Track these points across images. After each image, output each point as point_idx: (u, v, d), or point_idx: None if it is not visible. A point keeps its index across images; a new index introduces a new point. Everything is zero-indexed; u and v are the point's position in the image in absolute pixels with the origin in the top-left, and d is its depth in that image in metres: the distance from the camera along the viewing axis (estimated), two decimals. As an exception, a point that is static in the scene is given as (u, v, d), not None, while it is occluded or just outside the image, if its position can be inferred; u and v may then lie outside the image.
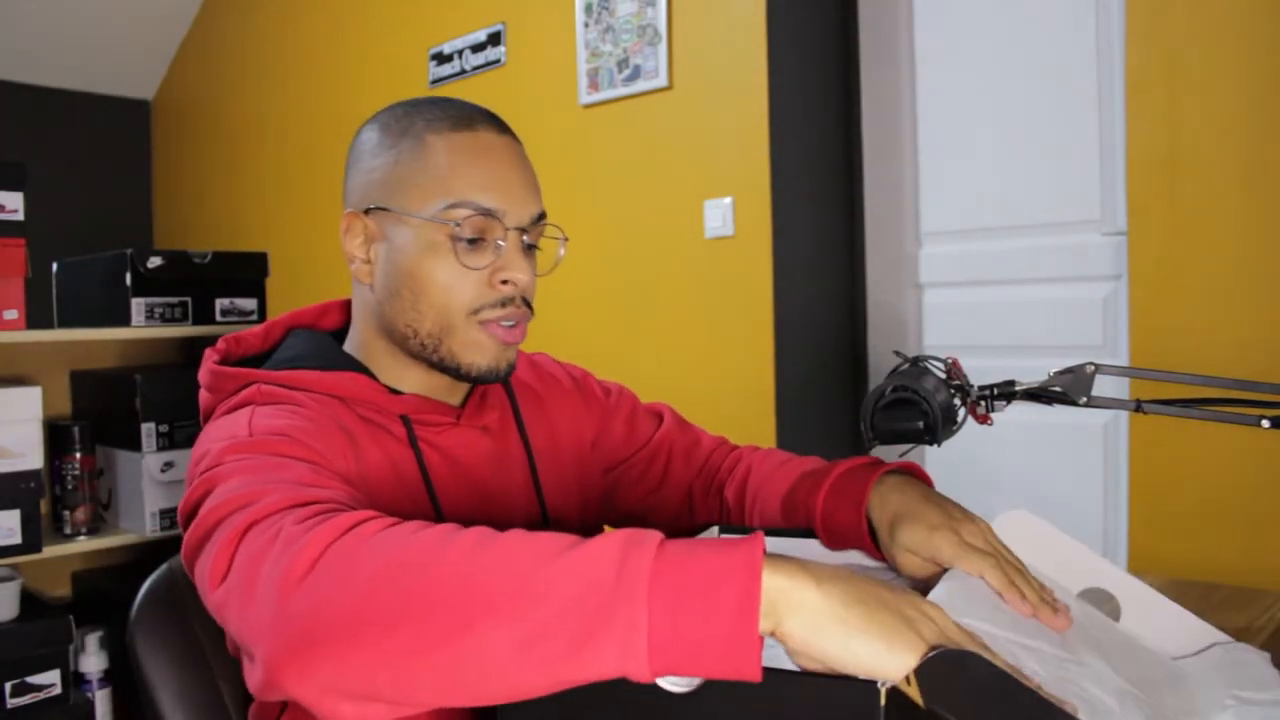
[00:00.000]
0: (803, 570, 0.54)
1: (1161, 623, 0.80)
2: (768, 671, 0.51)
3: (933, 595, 0.68)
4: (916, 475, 0.88)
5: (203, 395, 0.89)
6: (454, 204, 0.83)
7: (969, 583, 0.71)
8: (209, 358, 0.90)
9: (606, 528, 1.07)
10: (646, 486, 1.07)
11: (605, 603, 0.52)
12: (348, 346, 0.93)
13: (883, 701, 0.49)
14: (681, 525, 1.07)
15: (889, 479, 0.84)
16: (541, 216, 0.88)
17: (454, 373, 0.87)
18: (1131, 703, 0.63)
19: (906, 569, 0.78)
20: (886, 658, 0.51)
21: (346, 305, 0.98)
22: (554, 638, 0.52)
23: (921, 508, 0.79)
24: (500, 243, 0.84)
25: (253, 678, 0.59)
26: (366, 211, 0.89)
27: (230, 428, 0.78)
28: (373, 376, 0.88)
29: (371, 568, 0.56)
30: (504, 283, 0.85)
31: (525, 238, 0.86)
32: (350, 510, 0.62)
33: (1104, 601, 0.82)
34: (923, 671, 0.50)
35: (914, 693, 0.49)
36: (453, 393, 0.93)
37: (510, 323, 0.86)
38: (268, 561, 0.59)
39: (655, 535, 0.55)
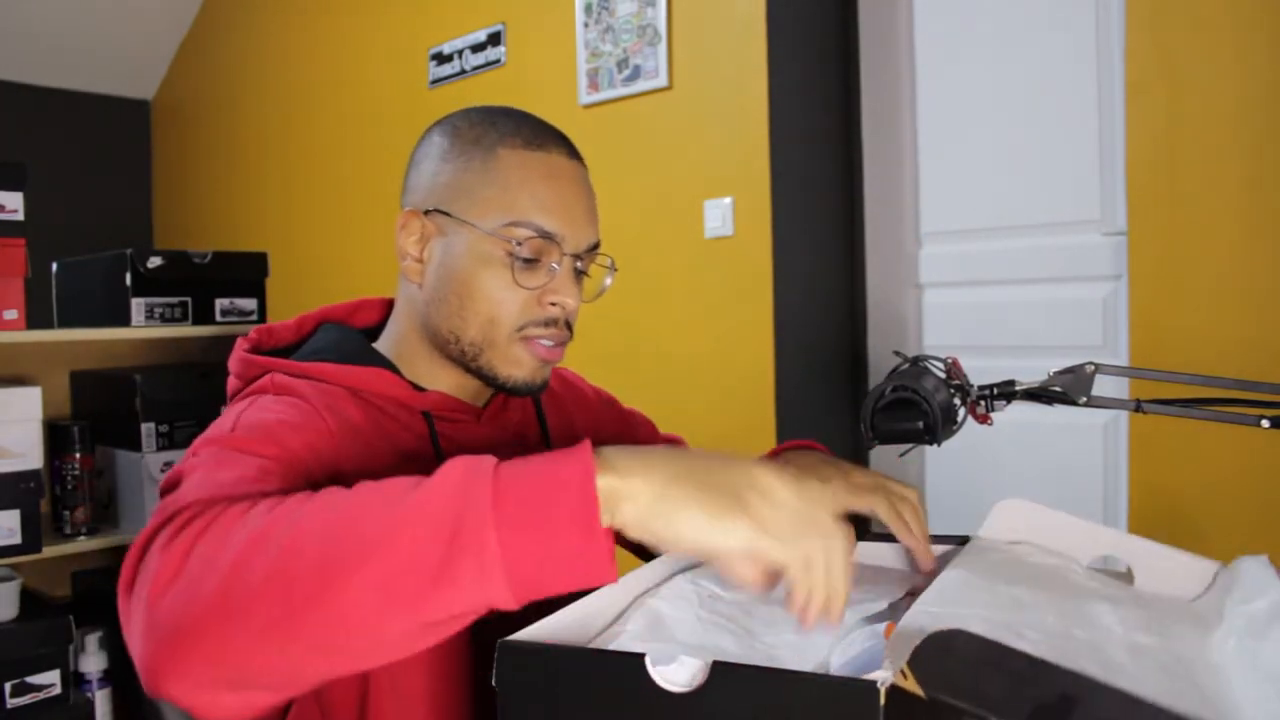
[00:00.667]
0: (633, 460, 0.56)
1: (1172, 571, 0.80)
2: (769, 672, 0.52)
3: (926, 592, 0.68)
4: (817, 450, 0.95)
5: (230, 381, 0.91)
6: (516, 222, 0.84)
7: (962, 575, 0.72)
8: (240, 345, 0.92)
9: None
10: None
11: (454, 535, 0.53)
12: (381, 343, 0.94)
13: (883, 700, 0.49)
14: None
15: (788, 453, 0.94)
16: (596, 245, 0.90)
17: (490, 382, 0.89)
18: (1145, 655, 0.63)
19: None
20: (710, 531, 0.55)
21: (383, 304, 1.00)
22: (411, 576, 0.53)
23: (818, 466, 0.89)
24: (555, 266, 0.86)
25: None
26: (426, 212, 0.89)
27: (226, 418, 0.80)
28: (398, 373, 0.89)
29: (228, 556, 0.56)
30: (552, 304, 0.86)
31: (579, 264, 0.89)
32: (233, 502, 0.62)
33: (1115, 568, 0.82)
34: (915, 660, 0.50)
35: (912, 685, 0.49)
36: (479, 396, 0.94)
37: (551, 343, 0.88)
38: (143, 571, 0.59)
39: (490, 461, 0.56)
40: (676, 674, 0.54)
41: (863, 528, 0.93)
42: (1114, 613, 0.70)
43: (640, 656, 0.55)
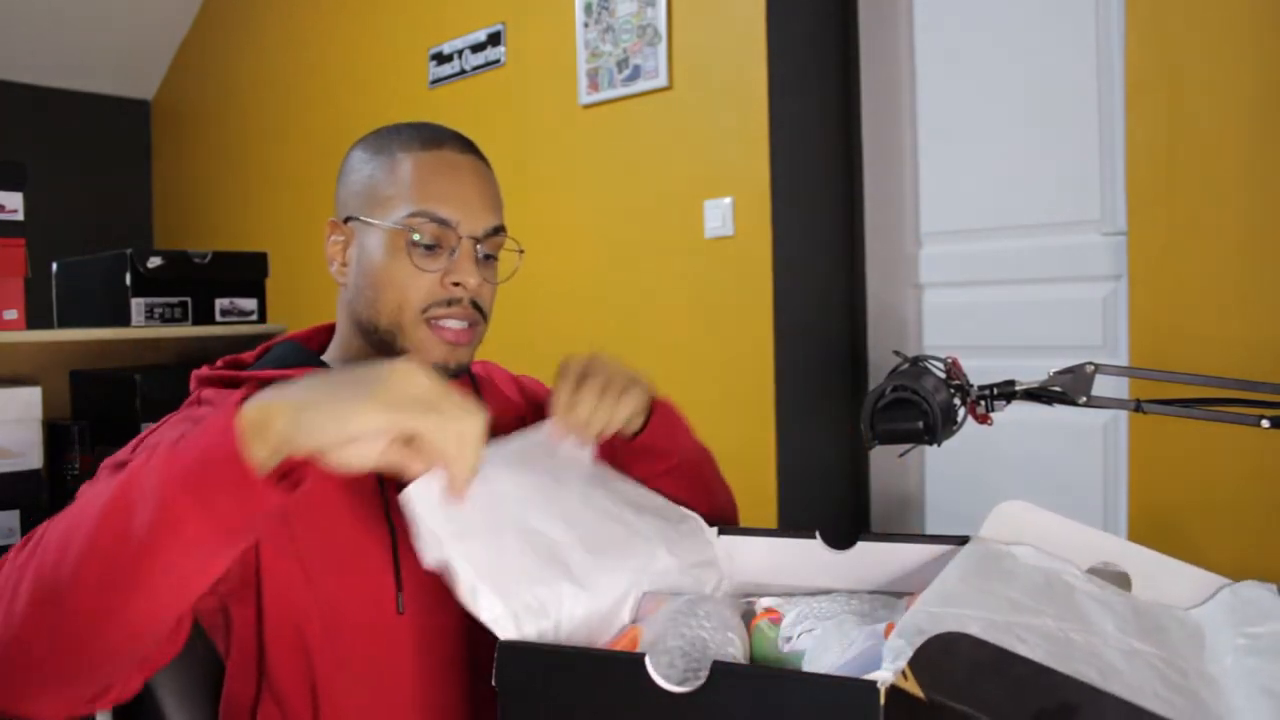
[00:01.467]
0: (277, 391, 0.64)
1: (1170, 579, 0.81)
2: (769, 672, 0.52)
3: (925, 592, 0.68)
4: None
5: (187, 402, 0.96)
6: (415, 213, 0.91)
7: (961, 576, 0.72)
8: (197, 373, 0.98)
9: None
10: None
11: (145, 514, 0.61)
12: (328, 354, 1.01)
13: (882, 700, 0.49)
14: None
15: None
16: (498, 230, 0.95)
17: None
18: (1141, 661, 0.63)
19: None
20: (342, 421, 0.61)
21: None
22: (120, 556, 0.61)
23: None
24: (454, 250, 0.92)
25: None
26: (345, 220, 0.98)
27: (141, 437, 0.87)
28: None
29: (12, 587, 0.64)
30: (455, 285, 0.92)
31: (480, 248, 0.94)
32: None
33: (1113, 574, 0.82)
34: (916, 661, 0.50)
35: (912, 686, 0.49)
36: None
37: (457, 323, 0.92)
38: None
39: (168, 442, 0.65)
40: (676, 675, 0.54)
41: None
42: (1111, 617, 0.70)
43: (640, 657, 0.56)
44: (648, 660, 0.56)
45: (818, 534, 0.91)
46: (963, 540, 0.86)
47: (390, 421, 0.62)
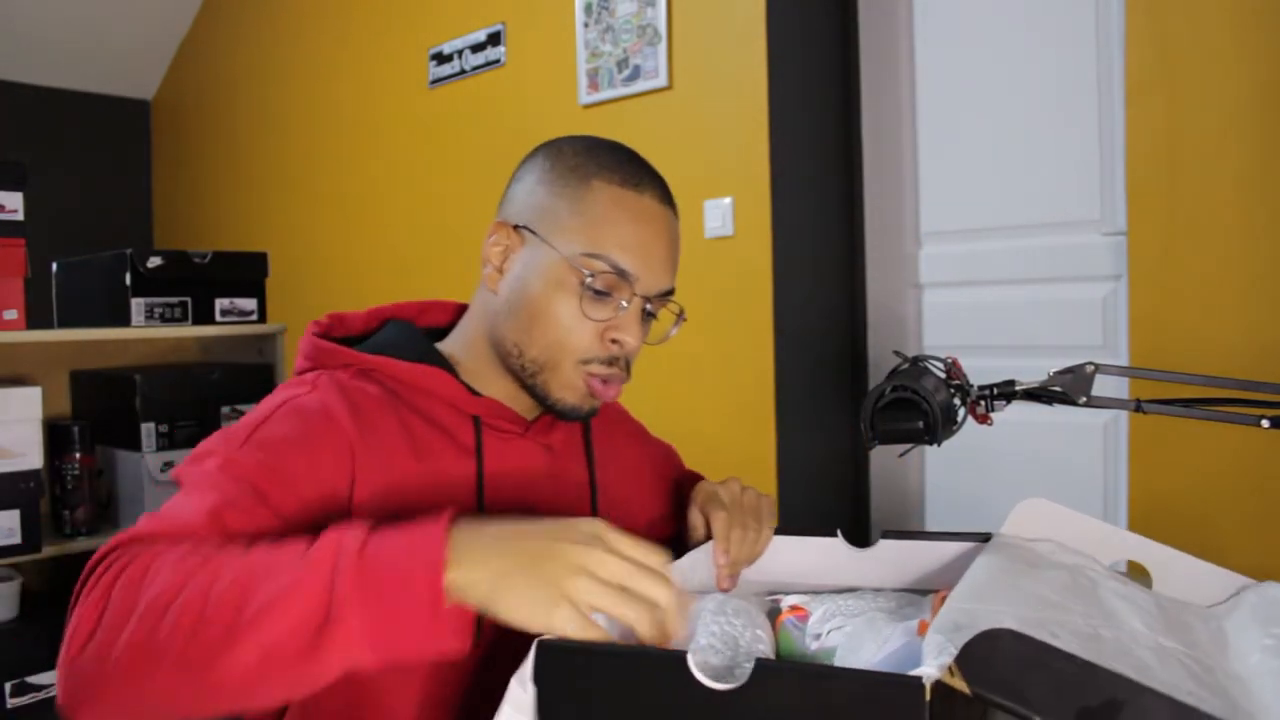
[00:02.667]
0: (474, 550, 0.64)
1: (1191, 577, 0.80)
2: (813, 669, 0.52)
3: (957, 588, 0.68)
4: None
5: (297, 361, 0.94)
6: (595, 254, 0.86)
7: (989, 572, 0.72)
8: (310, 329, 0.94)
9: None
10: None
11: (324, 619, 0.62)
12: (445, 344, 0.96)
13: (928, 696, 0.49)
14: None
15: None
16: (670, 292, 0.91)
17: (540, 400, 0.91)
18: (1170, 658, 0.63)
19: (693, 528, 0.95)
20: (535, 617, 0.62)
21: (453, 308, 1.03)
22: (287, 650, 0.61)
23: (712, 485, 0.98)
24: (624, 303, 0.87)
25: None
26: (516, 227, 0.91)
27: (258, 413, 0.84)
28: (456, 375, 0.91)
29: (134, 619, 0.64)
30: (614, 342, 0.88)
31: (649, 306, 0.90)
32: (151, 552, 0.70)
33: (1135, 572, 0.82)
34: (962, 658, 0.50)
35: (958, 682, 0.49)
36: (530, 410, 0.95)
37: (607, 381, 0.89)
38: (71, 617, 0.67)
39: (358, 537, 0.64)
40: (721, 672, 0.55)
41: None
42: (1138, 614, 0.69)
43: (682, 655, 0.56)
44: (690, 657, 0.56)
45: (839, 533, 0.91)
46: (985, 537, 0.86)
47: (584, 625, 0.62)
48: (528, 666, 0.61)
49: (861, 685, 0.52)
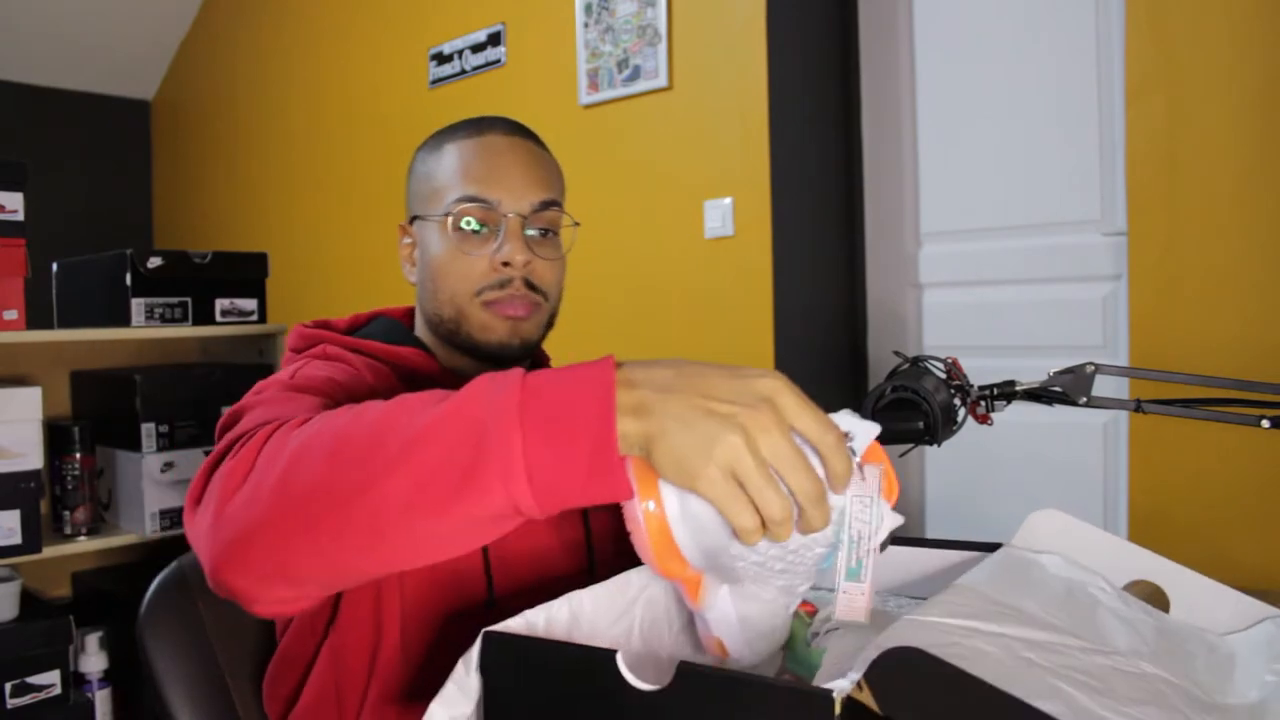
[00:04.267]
0: (641, 389, 0.57)
1: (1210, 603, 0.79)
2: (732, 676, 0.53)
3: (927, 601, 0.68)
4: None
5: (286, 355, 0.98)
6: (458, 199, 0.93)
7: (971, 585, 0.71)
8: (298, 326, 1.00)
9: None
10: None
11: (480, 440, 0.56)
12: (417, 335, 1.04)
13: (837, 710, 0.49)
14: None
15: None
16: (546, 205, 0.96)
17: (474, 353, 0.95)
18: (1140, 684, 0.62)
19: None
20: (682, 476, 0.55)
21: None
22: (442, 477, 0.56)
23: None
24: (501, 229, 0.93)
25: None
26: (411, 221, 1.00)
27: (283, 372, 0.87)
28: (434, 358, 0.97)
29: (282, 464, 0.61)
30: (504, 264, 0.92)
31: (530, 226, 0.94)
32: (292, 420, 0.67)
33: (1151, 592, 0.81)
34: (872, 676, 0.49)
35: (867, 698, 0.49)
36: None
37: (515, 303, 0.93)
38: (212, 482, 0.66)
39: (517, 373, 0.59)
40: (645, 673, 0.55)
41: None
42: (1128, 636, 0.68)
43: (613, 653, 0.56)
44: (619, 656, 0.56)
45: None
46: (993, 547, 0.85)
47: (729, 495, 0.55)
48: (474, 653, 0.62)
49: (775, 694, 0.52)
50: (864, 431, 0.61)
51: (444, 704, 0.62)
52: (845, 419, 0.61)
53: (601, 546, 0.98)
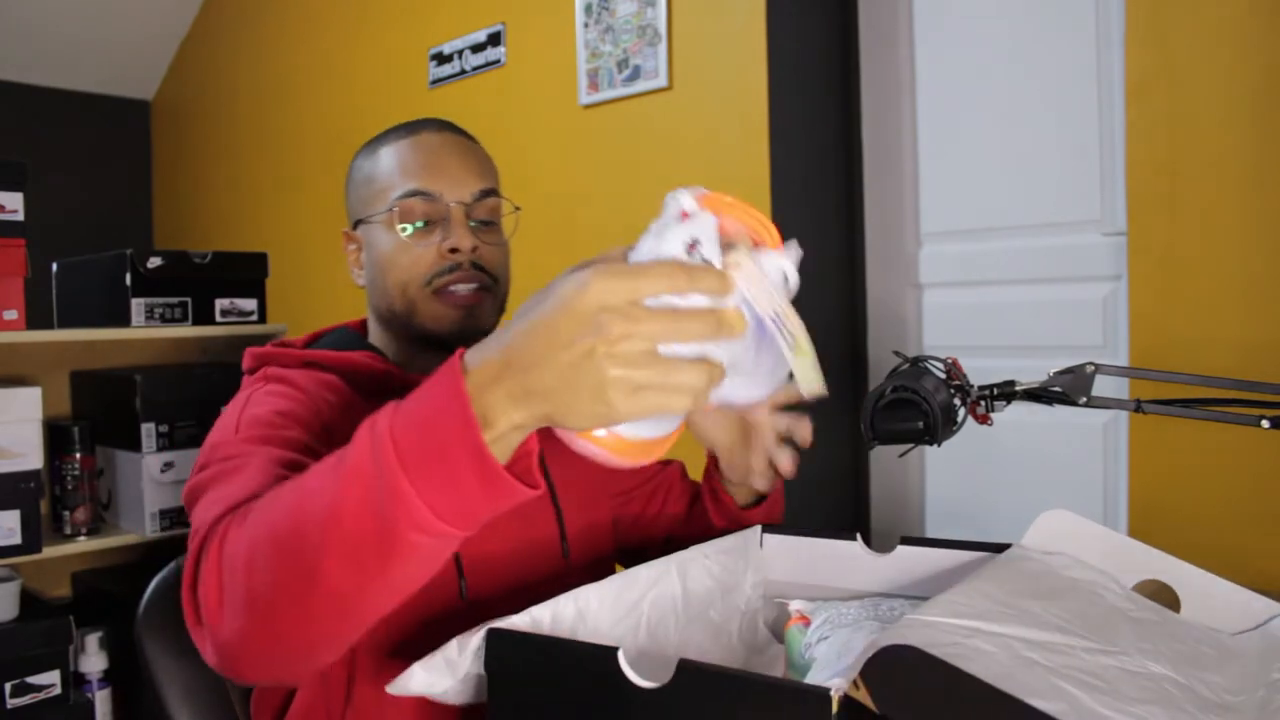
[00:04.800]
0: (497, 393, 0.56)
1: (1220, 603, 0.79)
2: (731, 674, 0.53)
3: (931, 600, 0.68)
4: None
5: (244, 366, 1.01)
6: (401, 195, 0.96)
7: (978, 584, 0.71)
8: (248, 349, 1.02)
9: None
10: (645, 513, 1.12)
11: (380, 504, 0.57)
12: (370, 340, 1.05)
13: (834, 709, 0.49)
14: (676, 535, 1.11)
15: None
16: (486, 194, 0.99)
17: (428, 342, 0.97)
18: (1145, 683, 0.62)
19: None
20: (602, 420, 0.56)
21: None
22: (366, 548, 0.58)
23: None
24: (446, 219, 0.96)
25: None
26: (355, 227, 1.04)
27: (230, 416, 0.87)
28: (386, 359, 0.98)
29: (241, 572, 0.64)
30: (452, 251, 0.95)
31: (472, 214, 0.98)
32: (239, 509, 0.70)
33: (1161, 592, 0.81)
34: (869, 674, 0.50)
35: (864, 696, 0.49)
36: None
37: (466, 287, 0.96)
38: (199, 601, 0.68)
39: (387, 414, 0.59)
40: (647, 670, 0.56)
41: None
42: (1134, 635, 0.68)
43: (614, 650, 0.57)
44: (620, 653, 0.56)
45: (858, 536, 0.91)
46: (1003, 547, 0.85)
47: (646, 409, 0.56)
48: (472, 639, 0.62)
49: (774, 691, 0.52)
50: (703, 224, 0.63)
51: (426, 668, 0.63)
52: (677, 231, 0.61)
53: (575, 536, 0.99)
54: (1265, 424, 0.83)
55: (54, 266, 2.19)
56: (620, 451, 0.61)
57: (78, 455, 1.87)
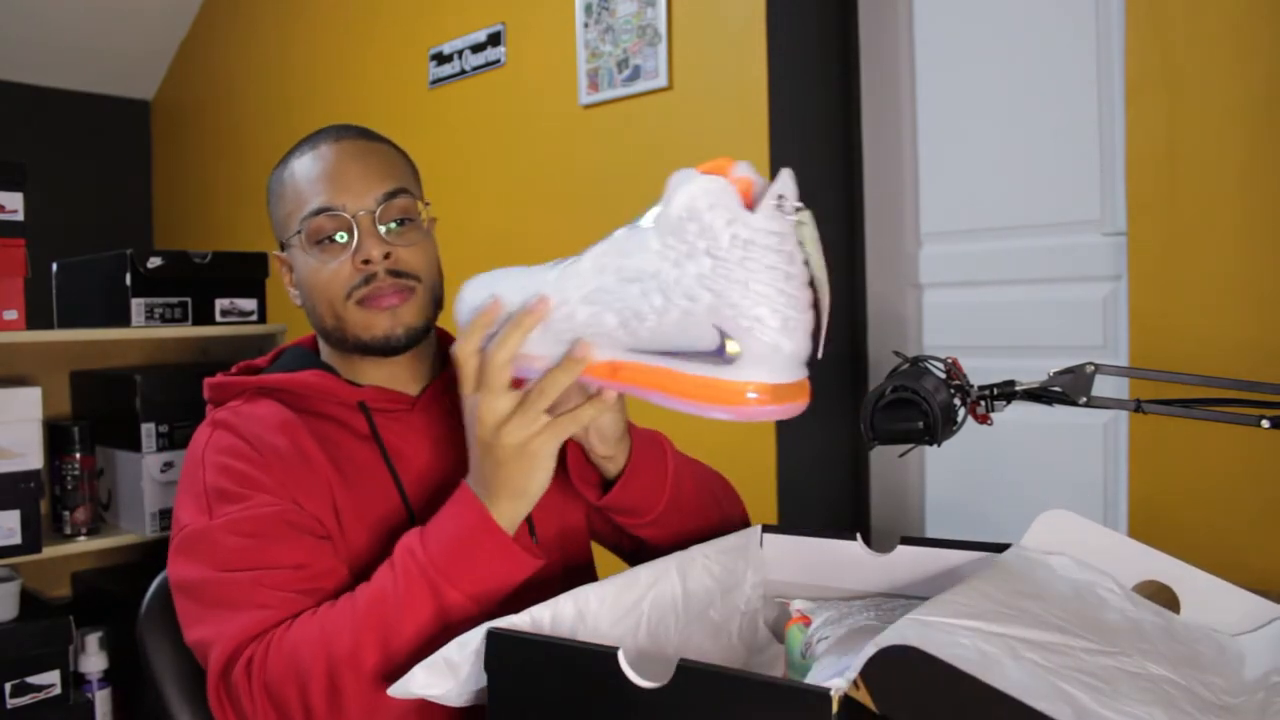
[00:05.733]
0: (485, 490, 0.83)
1: (1221, 604, 0.79)
2: (731, 674, 0.53)
3: (930, 600, 0.68)
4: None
5: (206, 408, 1.02)
6: (306, 215, 0.97)
7: (977, 585, 0.71)
8: (206, 379, 1.03)
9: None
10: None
11: (437, 609, 0.79)
12: (322, 358, 1.06)
13: (835, 709, 0.49)
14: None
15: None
16: (391, 195, 0.97)
17: (365, 352, 0.98)
18: (1146, 685, 0.62)
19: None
20: (540, 484, 0.82)
21: None
22: (424, 646, 0.75)
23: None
24: (354, 231, 0.95)
25: None
26: (282, 248, 1.03)
27: (195, 481, 0.90)
28: (336, 375, 1.00)
29: (296, 700, 0.78)
30: (365, 263, 0.95)
31: (380, 220, 0.96)
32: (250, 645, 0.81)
33: (1160, 592, 0.81)
34: (869, 675, 0.49)
35: (864, 697, 0.49)
36: (410, 384, 1.03)
37: (385, 294, 0.96)
38: None
39: (414, 537, 0.83)
40: (647, 670, 0.56)
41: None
42: (1135, 636, 0.68)
43: (614, 651, 0.57)
44: (620, 654, 0.57)
45: (858, 536, 0.91)
46: (1003, 547, 0.85)
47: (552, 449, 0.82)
48: (472, 639, 0.63)
49: (773, 692, 0.52)
50: (783, 180, 0.78)
51: (428, 670, 0.64)
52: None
53: (549, 540, 1.02)
54: (1265, 424, 0.83)
55: (54, 266, 2.19)
56: (779, 399, 0.80)
57: (78, 455, 1.87)
